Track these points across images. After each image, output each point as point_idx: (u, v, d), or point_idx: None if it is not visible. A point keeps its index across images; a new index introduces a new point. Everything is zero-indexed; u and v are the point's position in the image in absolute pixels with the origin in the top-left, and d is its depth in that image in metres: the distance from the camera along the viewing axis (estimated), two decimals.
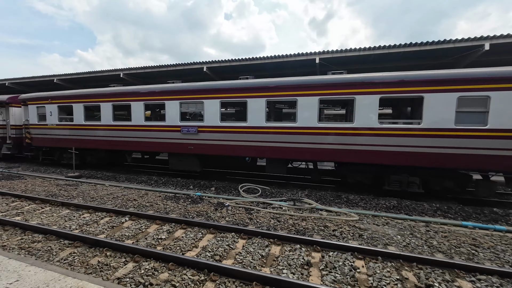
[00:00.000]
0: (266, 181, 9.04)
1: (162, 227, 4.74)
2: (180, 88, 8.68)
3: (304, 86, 7.16)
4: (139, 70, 12.78)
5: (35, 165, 12.36)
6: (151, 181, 8.96)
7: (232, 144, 8.11)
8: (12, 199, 6.49)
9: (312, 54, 9.74)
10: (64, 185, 8.18)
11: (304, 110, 7.20)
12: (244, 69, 11.85)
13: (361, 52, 9.16)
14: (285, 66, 10.94)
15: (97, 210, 5.58)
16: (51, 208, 5.81)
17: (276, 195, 7.25)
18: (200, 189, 8.07)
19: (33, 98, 11.40)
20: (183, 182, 8.76)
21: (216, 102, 8.19)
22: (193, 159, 8.98)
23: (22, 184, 8.25)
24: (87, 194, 7.06)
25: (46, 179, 9.03)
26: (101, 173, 10.32)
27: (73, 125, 10.51)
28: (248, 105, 7.81)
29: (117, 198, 6.71)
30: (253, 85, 7.75)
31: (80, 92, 10.35)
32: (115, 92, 9.67)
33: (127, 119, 9.77)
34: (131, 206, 6.06)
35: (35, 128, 11.47)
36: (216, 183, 8.62)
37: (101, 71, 13.51)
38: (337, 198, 6.92)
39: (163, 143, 9.05)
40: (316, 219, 5.27)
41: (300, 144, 7.35)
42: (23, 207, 5.94)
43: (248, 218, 5.24)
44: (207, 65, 11.47)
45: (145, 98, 9.17)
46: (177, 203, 6.35)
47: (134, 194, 7.10)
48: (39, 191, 7.33)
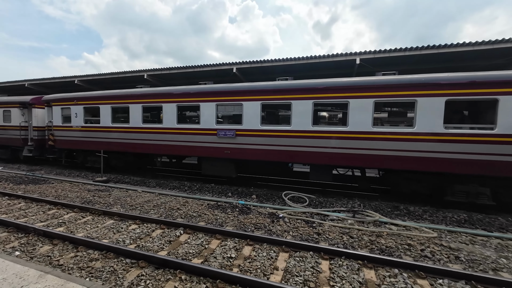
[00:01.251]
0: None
1: (225, 242, 4.24)
2: (217, 89, 8.24)
3: (357, 87, 6.66)
4: (164, 71, 12.42)
5: (57, 168, 12.01)
6: (184, 187, 8.49)
7: (274, 149, 7.61)
8: (47, 206, 6.06)
9: (352, 55, 9.25)
10: (95, 190, 7.75)
11: (356, 113, 6.69)
12: (274, 71, 11.41)
13: (406, 52, 8.64)
14: (319, 66, 10.46)
15: (144, 220, 5.10)
16: (93, 218, 5.35)
17: (325, 204, 6.71)
18: (239, 196, 7.57)
19: (57, 99, 11.09)
20: (219, 188, 8.27)
21: (257, 104, 7.72)
22: (228, 164, 8.49)
23: (51, 188, 7.85)
24: (124, 201, 6.60)
25: (73, 184, 8.63)
26: (128, 177, 9.89)
27: (100, 127, 10.13)
28: (293, 107, 7.32)
29: (158, 206, 6.23)
30: (298, 86, 7.26)
31: (108, 93, 9.99)
32: (146, 93, 9.28)
33: (158, 121, 9.37)
34: (178, 216, 5.58)
35: (59, 129, 11.13)
36: (254, 190, 8.11)
37: (124, 72, 13.19)
38: (395, 209, 6.36)
39: (196, 147, 8.60)
40: (391, 235, 4.72)
41: (351, 150, 6.82)
42: (62, 215, 5.49)
43: (314, 233, 4.71)
44: (236, 66, 11.05)
45: (178, 99, 8.75)
46: (224, 212, 5.85)
47: (174, 202, 6.62)
48: (72, 197, 6.90)
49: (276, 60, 10.49)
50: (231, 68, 11.15)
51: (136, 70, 12.87)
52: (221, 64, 11.36)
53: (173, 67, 12.21)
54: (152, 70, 12.66)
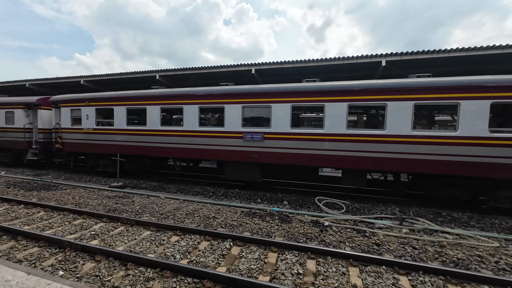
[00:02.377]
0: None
1: (284, 255, 3.89)
2: (243, 91, 7.92)
3: (396, 89, 6.45)
4: (177, 71, 12.02)
5: (64, 172, 11.42)
6: (208, 193, 8.09)
7: (305, 152, 7.31)
8: (71, 215, 5.59)
9: (378, 57, 9.08)
10: (114, 197, 7.28)
11: (394, 116, 6.47)
12: (287, 73, 11.17)
13: (434, 55, 8.53)
14: (341, 68, 10.27)
15: (185, 231, 4.70)
16: (126, 228, 4.92)
17: (363, 211, 6.44)
18: (269, 202, 7.23)
19: (67, 99, 10.55)
20: (245, 194, 7.91)
21: (286, 106, 7.43)
22: (254, 169, 8.14)
23: (66, 195, 7.33)
24: (151, 209, 6.18)
25: (88, 190, 8.11)
26: (145, 182, 9.41)
27: (114, 130, 9.64)
28: (326, 110, 7.06)
29: (191, 214, 5.83)
30: (332, 88, 7.01)
31: (123, 94, 9.54)
32: (165, 94, 8.88)
33: (178, 123, 8.97)
34: (217, 225, 5.20)
35: (67, 132, 10.57)
36: (283, 195, 7.78)
37: (134, 72, 12.72)
38: (438, 216, 6.14)
39: (220, 150, 8.23)
40: (452, 245, 4.46)
41: (389, 154, 6.59)
42: (91, 226, 5.04)
43: (372, 244, 4.41)
44: (255, 67, 10.76)
45: (201, 101, 8.38)
46: (265, 221, 5.50)
47: (206, 210, 6.23)
48: (94, 205, 6.43)
49: (295, 61, 10.25)
50: (249, 69, 10.85)
51: (148, 71, 12.42)
52: (238, 65, 11.04)
53: (187, 68, 11.82)
54: (164, 71, 12.24)
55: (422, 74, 6.85)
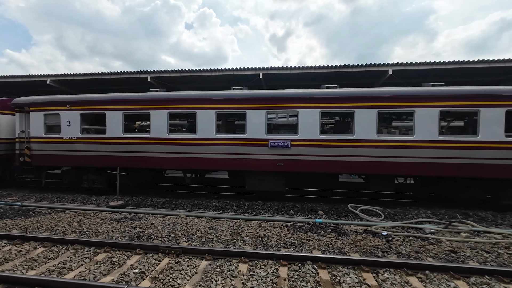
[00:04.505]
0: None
1: (382, 276, 3.53)
2: (268, 96, 7.47)
3: (424, 96, 6.75)
4: (174, 73, 10.93)
5: (30, 191, 9.25)
6: (232, 207, 7.31)
7: (334, 159, 7.15)
8: (86, 248, 4.35)
9: (385, 66, 9.56)
10: (123, 219, 6.04)
11: (424, 122, 6.74)
12: (293, 78, 11.11)
13: (433, 66, 9.33)
14: (348, 75, 10.54)
15: (251, 256, 4.00)
16: (174, 260, 3.98)
17: (400, 216, 6.49)
18: (302, 213, 6.83)
19: (39, 102, 8.64)
20: (273, 206, 7.34)
21: (315, 112, 7.21)
22: (279, 178, 7.66)
23: (57, 221, 5.83)
24: (182, 231, 5.24)
25: (81, 212, 6.62)
26: (148, 199, 8.12)
27: (106, 138, 8.18)
28: (356, 116, 7.04)
29: (237, 234, 5.09)
30: (363, 94, 7.04)
31: (119, 97, 8.19)
32: (174, 98, 7.88)
33: (190, 131, 8.02)
34: (275, 245, 4.59)
35: (39, 142, 8.63)
36: (313, 205, 7.43)
37: (121, 72, 11.16)
38: (467, 216, 6.50)
39: (241, 159, 7.57)
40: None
41: (417, 159, 6.82)
42: (124, 261, 3.96)
43: (448, 251, 4.34)
44: (263, 72, 10.38)
45: (218, 106, 7.64)
46: (320, 235, 5.08)
47: (245, 226, 5.54)
48: (106, 232, 5.19)
49: (304, 67, 10.21)
50: (256, 73, 10.42)
51: (138, 71, 11.01)
52: (244, 69, 10.53)
53: (185, 70, 10.83)
54: (158, 72, 11.02)
55: (436, 83, 7.34)
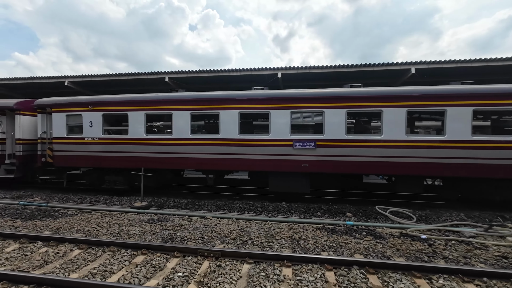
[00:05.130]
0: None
1: (436, 283, 3.37)
2: (293, 95, 7.36)
3: (456, 95, 6.55)
4: (191, 74, 10.89)
5: (51, 192, 9.29)
6: (256, 208, 7.20)
7: (361, 160, 6.99)
8: (123, 251, 4.28)
9: (407, 64, 9.35)
10: (151, 221, 5.97)
11: (457, 121, 6.53)
12: (310, 78, 10.97)
13: (459, 64, 9.10)
14: (373, 75, 10.35)
15: (294, 260, 3.88)
16: (216, 263, 3.88)
17: (433, 218, 6.29)
18: (330, 215, 6.69)
19: (61, 103, 8.68)
20: (298, 207, 7.21)
21: (341, 112, 7.07)
22: (303, 179, 7.53)
23: (86, 223, 5.80)
24: (214, 233, 5.14)
25: (107, 213, 6.58)
26: (170, 200, 8.07)
27: (128, 139, 8.17)
28: (383, 115, 6.87)
29: (271, 236, 4.97)
30: (390, 94, 6.87)
31: (141, 97, 8.17)
32: (197, 98, 7.83)
33: (213, 131, 7.96)
34: (313, 248, 4.46)
35: (61, 143, 8.67)
36: (343, 207, 7.27)
37: (140, 73, 11.18)
38: (504, 219, 6.26)
39: (264, 160, 7.47)
40: None
41: (449, 160, 6.61)
42: (164, 264, 3.88)
43: (500, 257, 4.15)
44: (282, 71, 10.27)
45: (241, 106, 7.56)
46: (357, 238, 4.94)
47: (277, 229, 5.42)
48: (137, 234, 5.12)
49: (323, 67, 10.06)
50: (275, 73, 10.31)
51: (156, 72, 11.01)
52: (262, 69, 10.43)
53: (202, 70, 10.80)
54: (175, 73, 11.01)
55: (465, 81, 7.12)
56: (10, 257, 4.10)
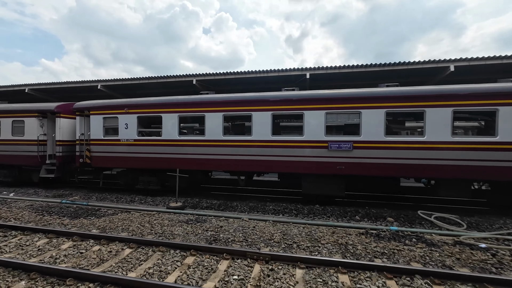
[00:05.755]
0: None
1: None
2: (328, 96, 7.20)
3: (508, 94, 6.10)
4: (218, 76, 11.00)
5: (88, 191, 9.70)
6: (291, 211, 7.09)
7: (403, 163, 6.68)
8: (172, 251, 4.33)
9: (445, 61, 8.88)
10: (190, 222, 6.02)
11: (507, 122, 6.09)
12: (337, 78, 10.71)
13: (504, 60, 8.50)
14: (408, 73, 9.94)
15: (348, 267, 3.73)
16: (267, 267, 3.82)
17: (485, 225, 5.87)
18: (370, 219, 6.43)
19: (99, 106, 9.06)
20: (335, 211, 7.01)
21: (380, 112, 6.80)
22: (338, 181, 7.33)
23: (128, 222, 5.95)
24: (255, 236, 5.09)
25: (145, 213, 6.74)
26: (203, 201, 8.15)
27: (162, 141, 8.35)
28: (427, 116, 6.53)
29: (315, 240, 4.84)
30: (434, 93, 6.53)
31: (175, 100, 8.34)
32: (229, 100, 7.87)
33: (246, 133, 7.96)
34: (365, 254, 4.28)
35: (98, 144, 9.03)
36: (381, 211, 7.00)
37: (168, 76, 11.46)
38: None
39: (298, 162, 7.34)
40: None
41: (503, 163, 6.16)
42: (215, 266, 3.87)
43: None
44: (310, 72, 10.12)
45: (274, 107, 7.50)
46: (407, 245, 4.68)
47: (319, 233, 5.27)
48: (180, 234, 5.18)
49: (355, 66, 9.78)
50: (303, 73, 10.18)
51: (184, 75, 11.23)
52: (290, 69, 10.34)
53: (230, 72, 10.87)
54: (203, 75, 11.16)
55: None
56: (67, 254, 4.27)
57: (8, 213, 6.63)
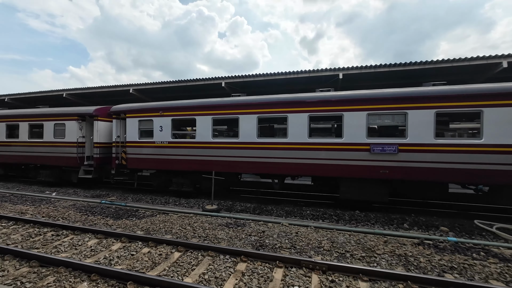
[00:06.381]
0: None
1: None
2: (370, 96, 6.84)
3: None
4: (247, 78, 10.95)
5: (123, 192, 9.97)
6: (331, 217, 6.79)
7: (456, 167, 6.16)
8: (221, 256, 4.21)
9: (497, 58, 8.17)
10: (230, 225, 5.91)
11: None
12: (373, 77, 10.24)
13: None
14: (451, 71, 9.32)
15: (416, 281, 3.40)
16: (328, 278, 3.59)
17: None
18: (420, 228, 5.97)
19: (135, 109, 9.31)
20: (379, 217, 6.62)
21: (429, 113, 6.34)
22: (381, 186, 6.92)
23: (169, 224, 5.95)
24: (306, 244, 4.85)
25: (182, 215, 6.74)
26: (239, 204, 8.06)
27: (196, 143, 8.39)
28: (485, 117, 5.98)
29: (369, 250, 4.53)
30: (493, 91, 5.97)
31: (209, 102, 8.36)
32: (264, 102, 7.74)
33: (281, 135, 7.78)
34: (437, 269, 3.90)
35: (133, 146, 9.26)
36: (431, 219, 6.50)
37: (197, 79, 11.61)
38: None
39: (337, 165, 7.02)
40: None
41: None
42: (270, 274, 3.69)
43: None
44: (343, 72, 9.77)
45: (311, 108, 7.26)
46: (475, 258, 4.23)
47: (369, 241, 4.94)
48: (224, 238, 5.07)
49: (393, 65, 9.29)
50: (335, 74, 9.85)
51: (213, 78, 11.32)
52: (322, 70, 10.04)
53: (258, 74, 10.78)
54: (231, 78, 11.17)
55: None
56: (120, 256, 4.30)
57: (55, 212, 6.92)
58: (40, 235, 5.28)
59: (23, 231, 5.51)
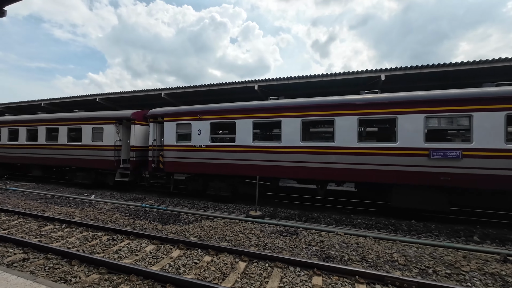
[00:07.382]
0: None
1: None
2: (427, 98, 6.40)
3: None
4: (281, 81, 10.76)
5: (160, 195, 9.96)
6: (387, 226, 6.36)
7: None
8: (297, 269, 3.94)
9: None
10: (284, 234, 5.62)
11: None
12: (417, 78, 9.73)
13: None
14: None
15: None
16: None
17: None
18: (493, 242, 5.42)
19: (172, 113, 9.33)
20: (441, 228, 6.11)
21: (499, 115, 5.81)
22: (440, 195, 6.41)
23: (220, 230, 5.75)
24: (375, 257, 4.48)
25: (228, 221, 6.54)
26: (282, 210, 7.79)
27: (235, 147, 8.23)
28: None
29: (453, 267, 4.10)
30: None
31: (248, 105, 8.21)
32: (309, 104, 7.48)
33: (327, 138, 7.47)
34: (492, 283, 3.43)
35: (170, 150, 9.25)
36: (502, 232, 5.93)
37: (230, 83, 11.57)
38: None
39: (390, 171, 6.60)
40: None
41: None
42: None
43: None
44: (385, 73, 9.35)
45: (361, 111, 6.90)
46: None
47: (445, 256, 4.50)
48: (284, 248, 4.80)
49: (441, 65, 8.77)
50: (377, 75, 9.44)
51: (246, 81, 11.24)
52: (362, 71, 9.67)
53: (292, 77, 10.56)
54: (265, 81, 11.03)
55: None
56: (185, 264, 4.13)
57: (102, 215, 6.94)
58: (96, 239, 5.25)
59: (77, 234, 5.52)
